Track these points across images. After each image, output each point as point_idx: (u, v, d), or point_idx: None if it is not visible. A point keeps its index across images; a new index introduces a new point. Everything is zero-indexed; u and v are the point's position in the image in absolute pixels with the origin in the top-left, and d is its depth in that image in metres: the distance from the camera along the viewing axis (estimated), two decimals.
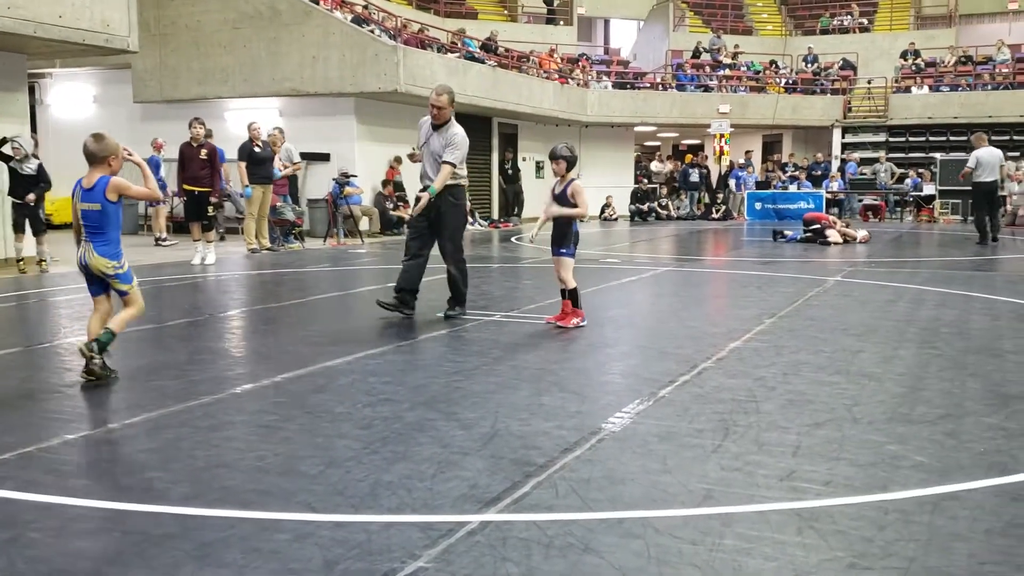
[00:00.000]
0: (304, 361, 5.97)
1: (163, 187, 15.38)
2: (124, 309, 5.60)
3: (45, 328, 7.77)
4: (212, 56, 17.94)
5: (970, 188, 16.71)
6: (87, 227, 5.42)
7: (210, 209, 12.88)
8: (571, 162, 7.35)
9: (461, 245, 7.83)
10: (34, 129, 16.79)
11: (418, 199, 7.54)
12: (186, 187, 12.85)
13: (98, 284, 5.57)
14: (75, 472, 3.79)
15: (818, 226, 16.88)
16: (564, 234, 7.37)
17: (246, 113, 17.73)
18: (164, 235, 15.59)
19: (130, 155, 5.66)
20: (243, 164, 14.27)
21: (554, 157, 7.37)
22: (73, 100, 20.36)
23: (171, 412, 4.70)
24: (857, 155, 26.51)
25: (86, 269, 5.51)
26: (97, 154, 5.40)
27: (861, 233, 16.71)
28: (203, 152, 12.81)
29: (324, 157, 18.21)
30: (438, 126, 7.55)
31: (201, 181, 12.80)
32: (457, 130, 7.55)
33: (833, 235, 16.34)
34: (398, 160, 19.03)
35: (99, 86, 20.11)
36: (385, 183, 18.94)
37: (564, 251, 7.36)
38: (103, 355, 5.39)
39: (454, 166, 7.44)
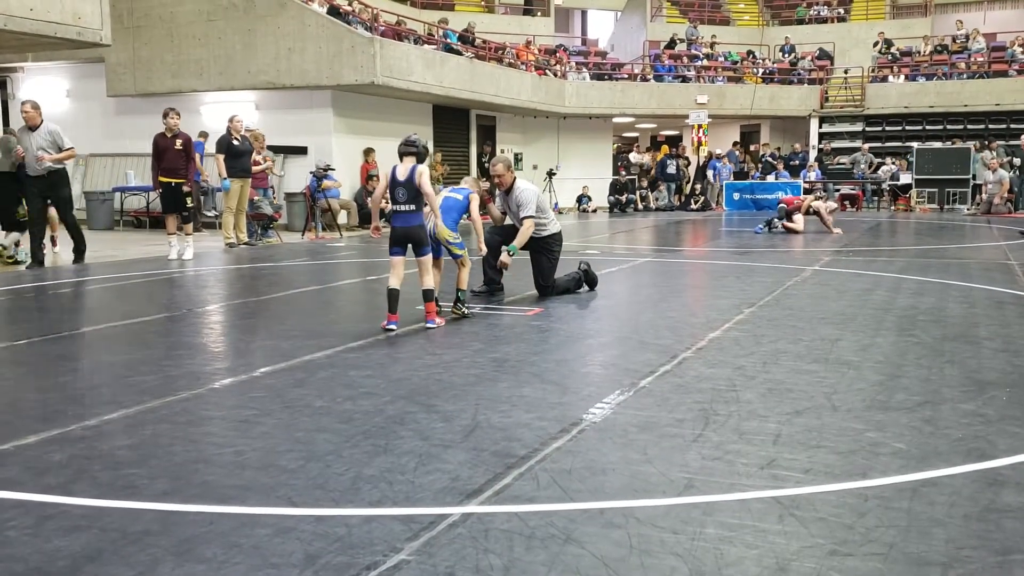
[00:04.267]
0: (283, 355, 5.93)
1: None
2: (460, 270, 7.45)
3: (23, 325, 7.68)
4: (186, 49, 17.79)
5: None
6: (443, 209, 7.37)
7: (188, 200, 12.55)
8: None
9: (552, 283, 8.61)
10: (6, 124, 16.60)
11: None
12: (162, 179, 12.46)
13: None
14: (52, 469, 3.74)
15: (786, 208, 16.93)
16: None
17: (222, 107, 17.61)
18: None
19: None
20: (221, 157, 14.18)
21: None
22: (46, 94, 20.04)
23: (149, 408, 4.66)
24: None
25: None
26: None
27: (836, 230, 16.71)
28: (178, 142, 12.37)
29: (301, 151, 18.12)
30: (507, 191, 8.60)
31: (178, 172, 12.38)
32: (521, 188, 8.56)
33: (798, 221, 16.43)
34: (371, 151, 18.89)
35: (72, 80, 19.90)
36: (369, 177, 18.78)
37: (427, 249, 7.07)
38: (463, 305, 7.38)
39: (533, 218, 8.40)
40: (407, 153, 6.91)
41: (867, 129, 27.37)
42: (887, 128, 27.19)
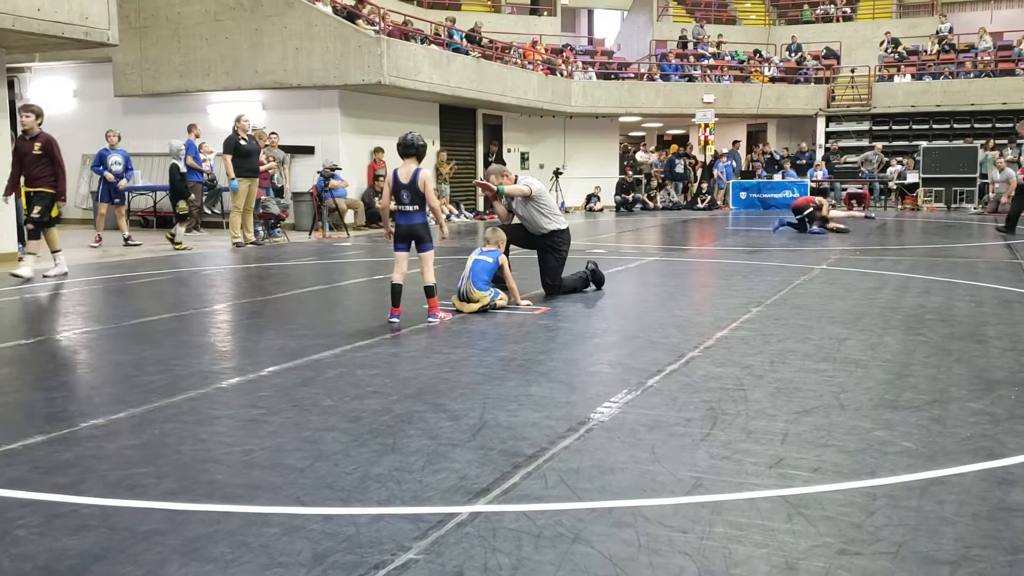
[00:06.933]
0: (291, 354, 5.94)
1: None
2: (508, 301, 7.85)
3: (30, 324, 7.70)
4: (193, 49, 17.81)
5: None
6: None
7: (55, 211, 10.42)
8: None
9: (559, 282, 8.64)
10: (13, 124, 16.63)
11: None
12: (26, 189, 10.51)
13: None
14: (60, 468, 3.75)
15: (810, 210, 16.80)
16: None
17: (229, 106, 17.64)
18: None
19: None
20: (228, 157, 14.19)
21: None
22: (53, 94, 20.16)
23: (156, 407, 4.67)
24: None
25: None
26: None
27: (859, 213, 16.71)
28: (36, 146, 10.25)
29: (309, 150, 18.13)
30: None
31: (37, 181, 10.32)
32: (524, 179, 8.73)
33: (828, 211, 16.43)
34: (379, 151, 18.89)
35: (79, 80, 19.94)
36: (376, 177, 18.75)
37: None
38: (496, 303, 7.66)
39: (530, 187, 8.43)
40: (407, 155, 7.01)
41: (874, 128, 27.32)
42: (894, 127, 27.12)
